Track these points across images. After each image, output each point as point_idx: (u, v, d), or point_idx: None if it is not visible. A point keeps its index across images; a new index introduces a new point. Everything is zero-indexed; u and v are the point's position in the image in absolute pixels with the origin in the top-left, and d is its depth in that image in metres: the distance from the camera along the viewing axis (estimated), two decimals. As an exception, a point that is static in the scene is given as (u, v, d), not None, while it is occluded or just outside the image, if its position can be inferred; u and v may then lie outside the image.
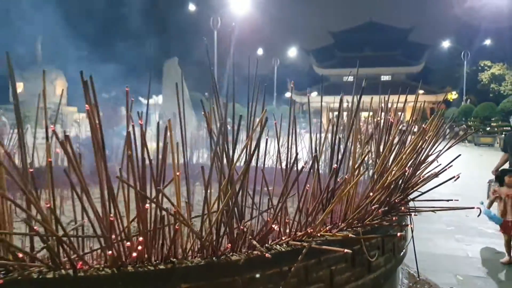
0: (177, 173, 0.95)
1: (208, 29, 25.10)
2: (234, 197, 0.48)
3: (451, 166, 2.05)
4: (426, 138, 0.99)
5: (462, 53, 35.26)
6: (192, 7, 29.65)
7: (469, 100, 34.95)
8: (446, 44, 41.91)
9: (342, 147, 1.47)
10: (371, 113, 2.93)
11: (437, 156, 1.83)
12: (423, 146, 0.88)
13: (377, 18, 59.29)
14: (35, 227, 0.98)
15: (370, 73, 49.61)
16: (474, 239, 4.62)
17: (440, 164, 1.99)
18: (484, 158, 14.55)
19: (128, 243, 0.69)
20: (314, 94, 44.80)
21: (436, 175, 0.85)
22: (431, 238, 4.58)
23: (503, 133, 20.75)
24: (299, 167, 1.04)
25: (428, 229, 4.95)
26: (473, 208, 0.62)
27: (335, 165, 0.65)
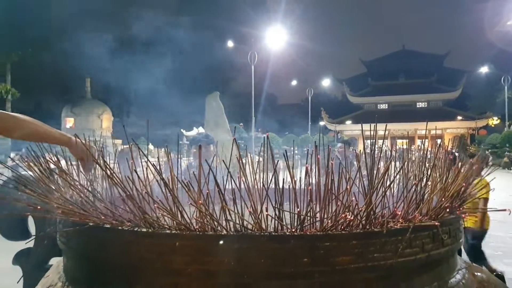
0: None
1: (245, 63, 26.56)
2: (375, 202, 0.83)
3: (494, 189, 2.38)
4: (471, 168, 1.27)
5: (503, 78, 34.46)
6: (230, 43, 31.42)
7: (512, 125, 33.75)
8: (484, 69, 41.10)
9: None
10: (406, 141, 3.31)
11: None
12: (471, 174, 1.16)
13: (411, 45, 59.27)
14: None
15: (405, 101, 49.29)
16: (522, 263, 4.74)
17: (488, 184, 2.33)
18: (531, 185, 14.06)
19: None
20: (348, 122, 44.94)
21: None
22: (480, 262, 4.77)
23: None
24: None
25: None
26: (504, 210, 0.93)
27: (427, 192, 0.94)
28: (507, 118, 34.04)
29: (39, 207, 0.90)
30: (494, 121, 41.33)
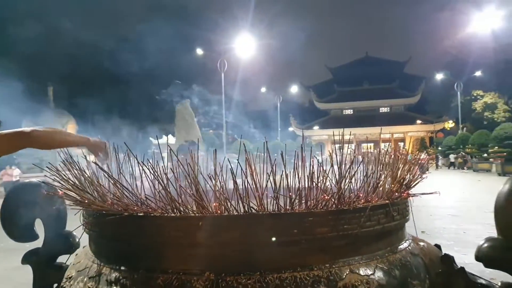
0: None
1: (215, 70, 26.80)
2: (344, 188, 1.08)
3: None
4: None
5: (455, 84, 36.75)
6: (199, 51, 31.52)
7: (465, 128, 36.05)
8: (439, 76, 43.67)
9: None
10: (371, 144, 3.69)
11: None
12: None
13: (374, 52, 61.51)
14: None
15: (369, 106, 51.27)
16: (470, 250, 5.25)
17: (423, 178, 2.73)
18: (482, 183, 15.18)
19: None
20: (316, 128, 46.15)
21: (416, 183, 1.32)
22: (434, 250, 5.27)
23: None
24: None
25: (431, 243, 5.64)
26: (435, 192, 1.23)
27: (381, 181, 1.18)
28: (461, 122, 36.32)
29: (86, 201, 1.14)
30: (450, 124, 43.91)
